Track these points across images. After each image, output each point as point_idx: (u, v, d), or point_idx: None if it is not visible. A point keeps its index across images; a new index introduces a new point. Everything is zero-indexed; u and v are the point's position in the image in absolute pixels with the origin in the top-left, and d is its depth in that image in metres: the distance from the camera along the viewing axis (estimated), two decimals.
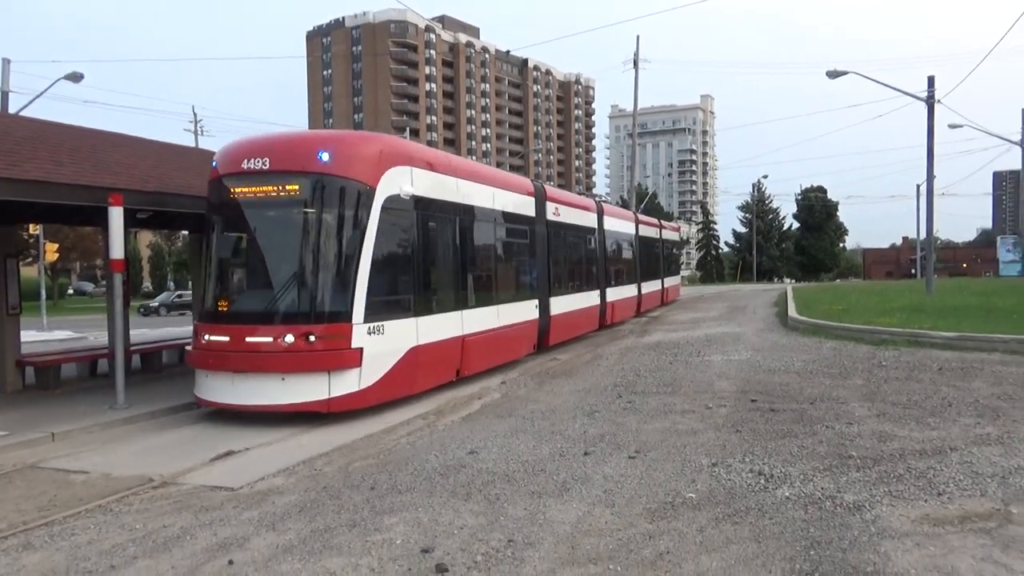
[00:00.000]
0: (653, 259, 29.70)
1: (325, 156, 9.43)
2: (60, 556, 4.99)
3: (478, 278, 12.95)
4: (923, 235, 40.66)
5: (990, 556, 4.46)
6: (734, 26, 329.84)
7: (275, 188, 9.50)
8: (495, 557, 4.69)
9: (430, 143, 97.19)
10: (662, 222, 33.81)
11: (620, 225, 24.20)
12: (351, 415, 9.35)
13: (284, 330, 9.04)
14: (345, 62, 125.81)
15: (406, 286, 10.39)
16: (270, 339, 9.05)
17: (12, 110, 23.26)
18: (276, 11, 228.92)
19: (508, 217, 14.51)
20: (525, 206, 15.46)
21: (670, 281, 33.35)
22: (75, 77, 24.43)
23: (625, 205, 45.19)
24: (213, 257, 10.01)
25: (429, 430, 8.81)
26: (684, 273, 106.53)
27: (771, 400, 9.58)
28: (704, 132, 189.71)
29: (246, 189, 9.59)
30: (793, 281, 73.85)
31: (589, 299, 19.75)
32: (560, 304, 16.93)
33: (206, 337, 9.50)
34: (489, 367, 13.01)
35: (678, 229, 39.74)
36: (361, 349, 9.26)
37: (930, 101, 27.09)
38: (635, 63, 42.59)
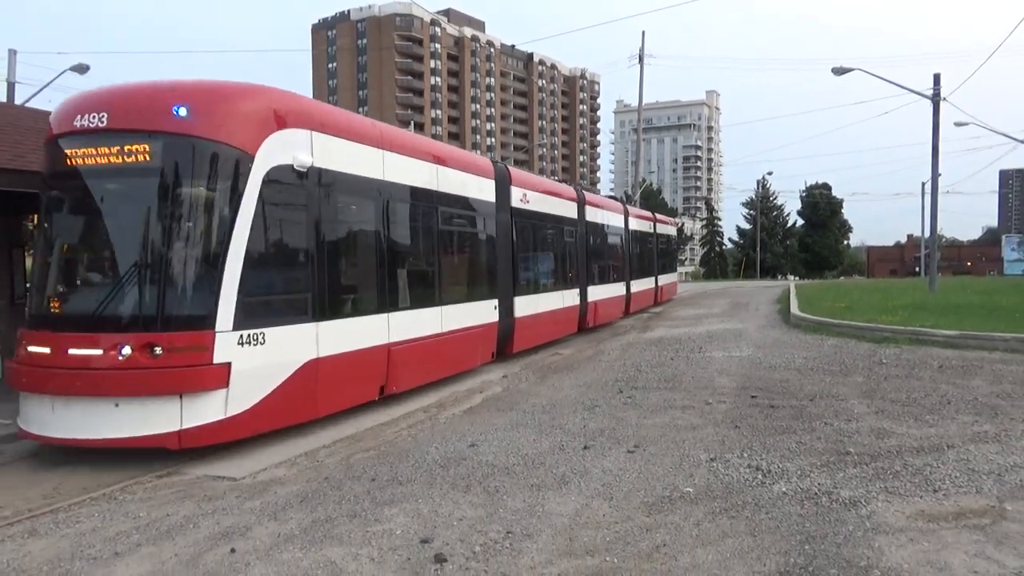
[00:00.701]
0: (645, 255, 27.42)
1: (182, 111, 7.28)
2: (65, 543, 5.07)
3: (414, 274, 10.73)
4: (928, 233, 40.61)
5: (983, 552, 4.51)
6: (740, 22, 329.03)
7: (115, 151, 7.24)
8: (493, 548, 4.76)
9: (435, 136, 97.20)
10: (656, 215, 31.33)
11: (605, 217, 21.74)
12: (357, 408, 9.36)
13: (120, 339, 6.89)
14: (350, 56, 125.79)
15: (302, 283, 8.17)
16: (100, 351, 6.92)
17: (18, 101, 23.35)
18: (282, 4, 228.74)
19: (458, 201, 12.18)
20: (482, 189, 13.09)
21: (665, 279, 30.82)
22: (81, 68, 24.50)
23: (629, 200, 44.81)
24: (43, 242, 7.94)
25: (430, 423, 8.87)
26: (688, 269, 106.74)
27: (771, 396, 9.62)
28: (709, 128, 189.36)
29: (79, 152, 7.34)
30: (797, 278, 73.79)
31: (566, 299, 17.45)
32: (528, 305, 14.84)
33: (26, 348, 7.32)
34: (429, 381, 11.00)
35: (675, 223, 36.62)
36: (228, 364, 7.15)
37: (936, 99, 27.01)
38: (640, 59, 42.57)
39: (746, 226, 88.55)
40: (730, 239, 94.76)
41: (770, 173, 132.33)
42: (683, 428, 8.01)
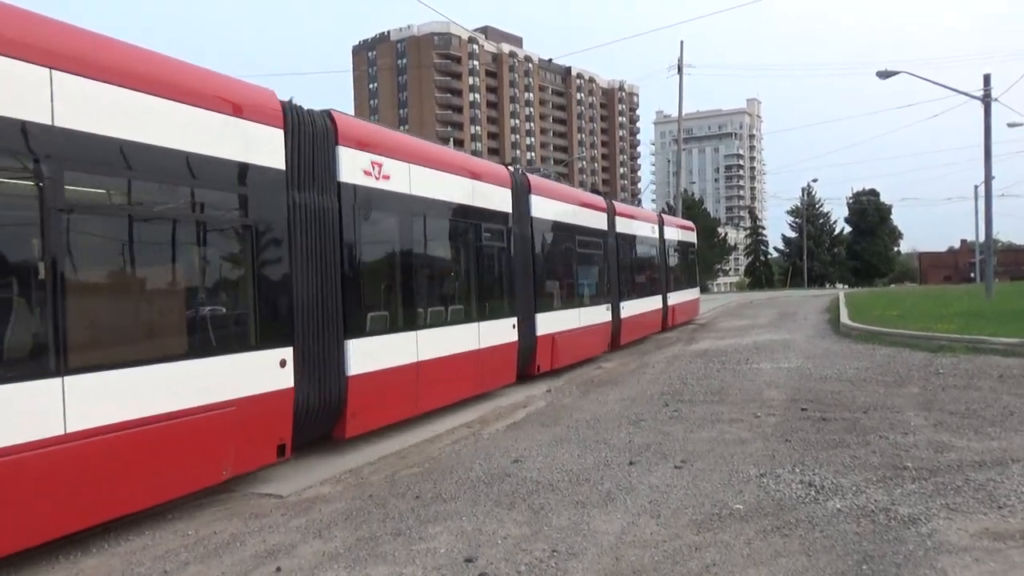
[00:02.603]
0: (646, 267, 21.30)
1: None
2: (116, 561, 5.15)
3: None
4: (982, 237, 39.32)
5: None
6: (781, 28, 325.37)
7: None
8: (538, 568, 4.68)
9: (474, 153, 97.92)
10: (664, 216, 24.68)
11: (574, 216, 15.52)
12: (400, 424, 9.35)
13: None
14: (390, 75, 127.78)
15: None
16: None
17: None
18: (323, 27, 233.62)
19: (209, 172, 6.47)
20: (246, 142, 6.87)
21: (679, 296, 24.53)
22: None
23: (671, 212, 44.22)
24: None
25: (474, 439, 8.83)
26: (732, 279, 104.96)
27: (822, 409, 9.36)
28: (751, 136, 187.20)
29: None
30: (845, 287, 72.18)
31: (489, 335, 11.20)
32: (383, 353, 8.71)
33: None
34: (102, 520, 5.46)
35: (692, 227, 28.82)
36: None
37: (987, 100, 26.25)
38: (679, 69, 42.29)
39: (792, 234, 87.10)
40: (775, 248, 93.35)
41: (815, 180, 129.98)
42: (731, 442, 7.83)
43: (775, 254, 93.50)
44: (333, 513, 6.01)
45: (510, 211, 12.49)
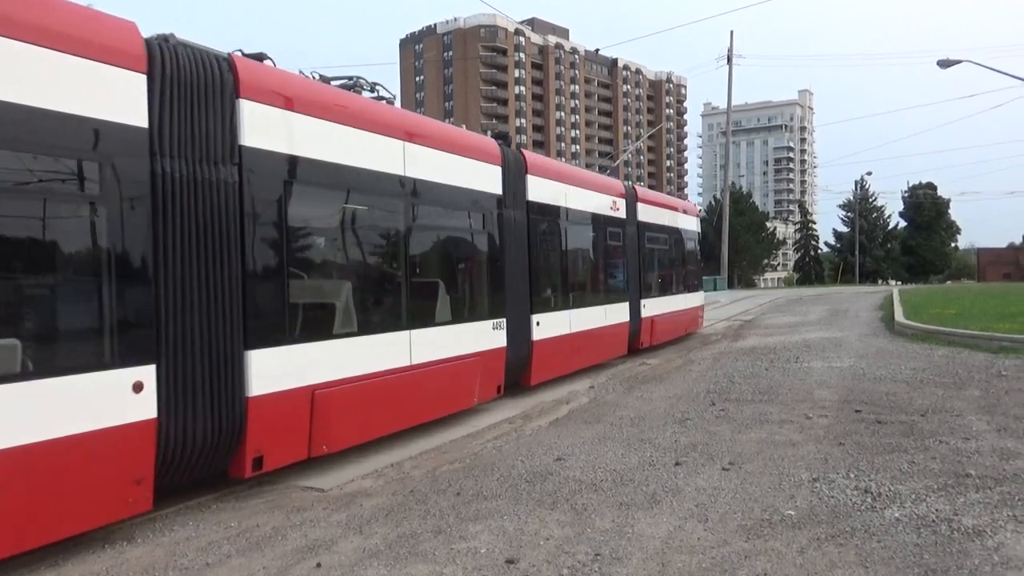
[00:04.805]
0: (598, 261, 14.38)
1: None
2: (160, 552, 5.18)
3: None
4: None
5: None
6: (833, 17, 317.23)
7: None
8: (581, 572, 4.55)
9: (519, 145, 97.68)
10: (640, 190, 17.04)
11: (429, 168, 8.68)
12: (442, 420, 9.28)
13: None
14: (436, 68, 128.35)
15: None
16: None
17: None
18: (370, 20, 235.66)
19: None
20: None
21: (665, 303, 17.56)
22: None
23: (717, 205, 43.30)
24: None
25: (516, 435, 8.73)
26: (781, 275, 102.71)
27: (877, 411, 9.02)
28: (802, 128, 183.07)
29: None
30: (898, 283, 70.27)
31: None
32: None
33: None
34: None
35: (692, 209, 21.65)
36: None
37: None
38: (729, 59, 41.57)
39: (843, 229, 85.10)
40: (826, 243, 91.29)
41: (869, 173, 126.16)
42: (781, 444, 7.58)
43: (825, 249, 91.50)
44: (374, 508, 5.97)
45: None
